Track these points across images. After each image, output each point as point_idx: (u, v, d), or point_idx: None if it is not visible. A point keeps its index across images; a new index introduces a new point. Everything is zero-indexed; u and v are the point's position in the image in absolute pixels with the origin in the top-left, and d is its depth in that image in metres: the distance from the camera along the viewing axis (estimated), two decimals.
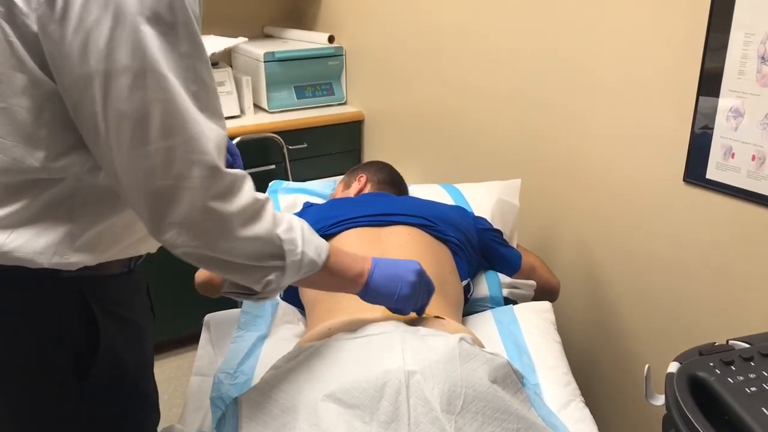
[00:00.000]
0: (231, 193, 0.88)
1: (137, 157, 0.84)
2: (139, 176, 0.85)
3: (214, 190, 0.86)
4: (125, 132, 0.83)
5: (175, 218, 0.86)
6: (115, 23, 0.80)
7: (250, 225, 0.91)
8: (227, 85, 2.48)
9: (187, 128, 0.84)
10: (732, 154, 1.41)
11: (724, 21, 1.36)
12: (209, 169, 0.86)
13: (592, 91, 1.69)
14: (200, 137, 0.85)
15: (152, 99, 0.82)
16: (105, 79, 0.81)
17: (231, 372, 1.24)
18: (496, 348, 1.34)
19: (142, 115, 0.83)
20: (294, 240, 0.95)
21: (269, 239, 0.93)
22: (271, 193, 1.95)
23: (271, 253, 0.94)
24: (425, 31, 2.22)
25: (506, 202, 1.82)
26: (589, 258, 1.81)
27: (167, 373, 2.45)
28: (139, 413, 1.13)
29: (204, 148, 0.86)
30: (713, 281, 1.51)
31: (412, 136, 2.41)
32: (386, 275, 1.10)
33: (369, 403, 0.98)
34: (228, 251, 0.91)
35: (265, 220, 0.92)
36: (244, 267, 0.94)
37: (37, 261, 0.93)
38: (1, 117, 0.88)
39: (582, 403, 1.27)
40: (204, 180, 0.86)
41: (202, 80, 0.87)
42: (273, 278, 0.95)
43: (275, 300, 1.49)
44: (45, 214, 0.93)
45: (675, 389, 0.97)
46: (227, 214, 0.88)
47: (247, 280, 0.96)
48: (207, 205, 0.86)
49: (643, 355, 1.71)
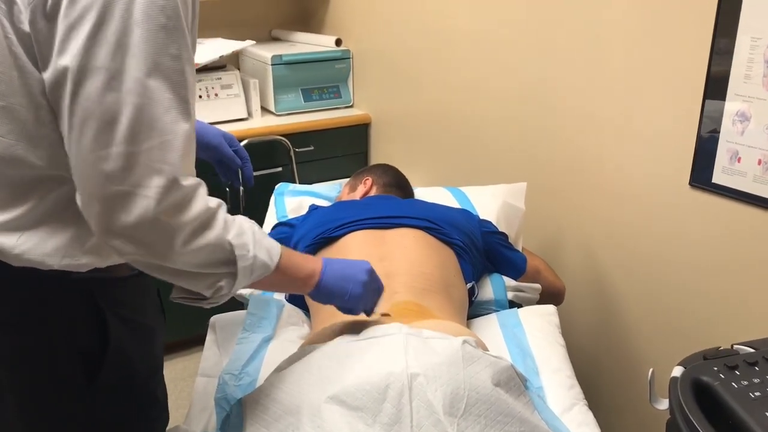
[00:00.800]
0: (183, 205, 0.86)
1: (97, 159, 0.82)
2: (95, 178, 0.83)
3: (167, 202, 0.84)
4: (89, 131, 0.81)
5: (123, 226, 0.83)
6: (101, 20, 0.79)
7: (199, 234, 0.88)
8: (235, 87, 2.50)
9: (154, 135, 0.82)
10: (738, 158, 1.41)
11: (731, 25, 1.36)
12: (168, 180, 0.83)
13: (598, 94, 1.69)
14: (167, 146, 0.83)
15: (125, 102, 0.81)
16: (78, 74, 0.80)
17: (236, 373, 1.25)
18: (500, 351, 1.34)
19: (110, 117, 0.81)
20: (245, 245, 0.93)
21: (220, 246, 0.90)
22: (278, 195, 1.96)
23: (222, 260, 0.91)
24: (432, 35, 2.22)
25: (512, 206, 1.82)
26: (594, 262, 1.81)
27: (173, 374, 2.46)
28: (148, 415, 1.14)
29: (168, 157, 0.83)
30: (718, 285, 1.51)
31: (418, 139, 2.41)
32: (337, 275, 1.09)
33: (372, 405, 0.98)
34: (176, 260, 0.88)
35: (216, 227, 0.90)
36: (194, 274, 0.91)
37: (47, 263, 0.93)
38: (2, 115, 0.88)
39: (586, 406, 1.26)
40: (160, 190, 0.83)
41: (186, 83, 0.85)
42: (224, 284, 0.94)
43: (280, 302, 1.50)
44: (53, 215, 0.93)
45: (679, 393, 0.97)
46: (176, 226, 0.86)
47: (197, 286, 0.94)
48: (157, 217, 0.84)
49: (648, 358, 1.71)
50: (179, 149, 0.84)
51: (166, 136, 0.83)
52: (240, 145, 1.39)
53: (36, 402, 1.02)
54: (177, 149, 0.84)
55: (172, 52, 0.83)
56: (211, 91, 2.44)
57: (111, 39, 0.79)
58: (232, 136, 1.39)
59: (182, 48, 0.84)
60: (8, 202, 0.92)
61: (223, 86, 2.47)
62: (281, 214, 1.87)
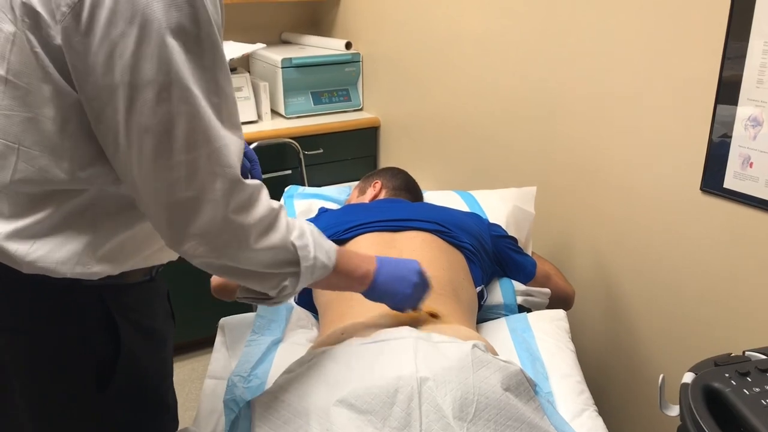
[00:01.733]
0: (250, 205, 0.90)
1: (160, 169, 0.85)
2: (161, 188, 0.86)
3: (234, 203, 0.88)
4: (148, 144, 0.84)
5: (195, 230, 0.87)
6: (141, 37, 0.80)
7: (267, 234, 0.92)
8: (245, 90, 2.50)
9: (210, 141, 0.85)
10: (750, 163, 1.40)
11: (743, 29, 1.36)
12: (231, 182, 0.87)
13: (609, 99, 1.69)
14: (223, 150, 0.86)
15: (177, 112, 0.83)
16: (130, 91, 0.82)
17: (245, 375, 1.25)
18: (510, 355, 1.34)
19: (166, 128, 0.83)
20: (307, 246, 0.97)
21: (284, 246, 0.94)
22: (287, 198, 1.96)
23: (287, 260, 0.96)
24: (442, 38, 2.23)
25: (521, 210, 1.82)
26: (604, 267, 1.80)
27: (182, 376, 2.47)
28: (158, 422, 1.14)
29: (227, 160, 0.87)
30: (730, 291, 1.50)
31: (427, 142, 2.41)
32: (391, 275, 1.13)
33: (381, 408, 0.98)
34: (246, 261, 0.92)
35: (280, 228, 0.94)
36: (261, 274, 0.95)
37: (59, 270, 0.93)
38: (27, 127, 0.89)
39: (595, 412, 1.26)
40: (225, 192, 0.87)
41: (223, 92, 0.87)
42: (288, 283, 0.97)
43: (289, 304, 1.50)
44: (68, 223, 0.94)
45: (690, 400, 0.96)
46: (246, 226, 0.89)
47: (263, 286, 0.97)
48: (227, 217, 0.87)
49: (658, 364, 1.70)
50: (235, 153, 0.88)
51: (221, 140, 0.86)
52: (249, 147, 1.39)
53: (47, 408, 1.02)
54: (233, 153, 0.87)
55: (204, 63, 0.85)
56: None
57: (154, 53, 0.81)
58: None
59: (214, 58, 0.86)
60: (26, 210, 0.93)
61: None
62: (290, 217, 1.87)
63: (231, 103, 0.89)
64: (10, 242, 0.92)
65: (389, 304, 1.16)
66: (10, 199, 0.93)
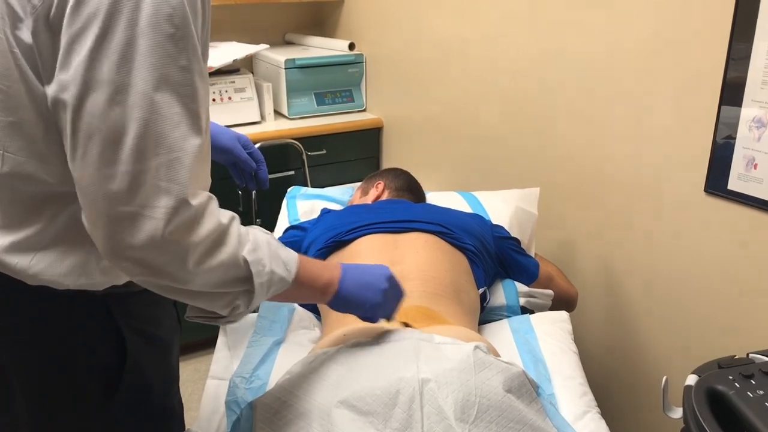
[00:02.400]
0: (193, 225, 0.81)
1: (103, 178, 0.77)
2: (101, 198, 0.78)
3: (176, 222, 0.79)
4: (94, 149, 0.77)
5: (132, 248, 0.79)
6: (105, 31, 0.75)
7: (213, 253, 0.83)
8: (248, 91, 2.51)
9: (162, 153, 0.78)
10: (755, 164, 1.39)
11: (748, 30, 1.35)
12: (177, 200, 0.79)
13: (612, 99, 1.68)
14: (176, 164, 0.78)
15: (131, 117, 0.76)
16: (81, 89, 0.76)
17: (246, 376, 1.25)
18: (512, 357, 1.33)
19: (115, 134, 0.76)
20: (261, 260, 0.88)
21: (234, 263, 0.86)
22: (290, 199, 1.96)
23: (238, 277, 0.87)
24: (445, 40, 2.22)
25: (524, 211, 1.81)
26: (607, 268, 1.80)
27: (185, 376, 2.45)
28: (165, 429, 1.13)
29: (176, 176, 0.78)
30: (734, 293, 1.49)
31: (430, 143, 2.41)
32: (357, 283, 1.04)
33: (382, 410, 0.98)
34: (189, 282, 0.84)
35: (230, 243, 0.85)
36: (210, 294, 0.87)
37: (63, 283, 0.91)
38: (11, 131, 0.85)
39: (598, 414, 1.25)
40: (169, 211, 0.78)
41: (198, 96, 0.81)
42: (240, 302, 0.90)
43: (291, 305, 1.50)
44: (67, 235, 0.90)
45: (693, 402, 0.96)
46: (187, 246, 0.81)
47: (213, 306, 0.89)
48: (167, 238, 0.79)
49: (661, 366, 1.69)
50: (188, 167, 0.80)
51: (174, 153, 0.78)
52: (255, 148, 1.37)
53: (52, 418, 1.00)
54: (186, 167, 0.79)
55: (181, 63, 0.78)
56: (224, 95, 2.45)
57: (115, 51, 0.75)
58: (247, 138, 1.37)
59: (192, 59, 0.80)
60: (21, 221, 0.90)
61: (236, 90, 2.48)
62: (293, 218, 1.87)
63: (204, 109, 0.83)
64: (11, 255, 0.90)
65: (359, 315, 1.08)
66: (4, 208, 0.90)
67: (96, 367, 0.99)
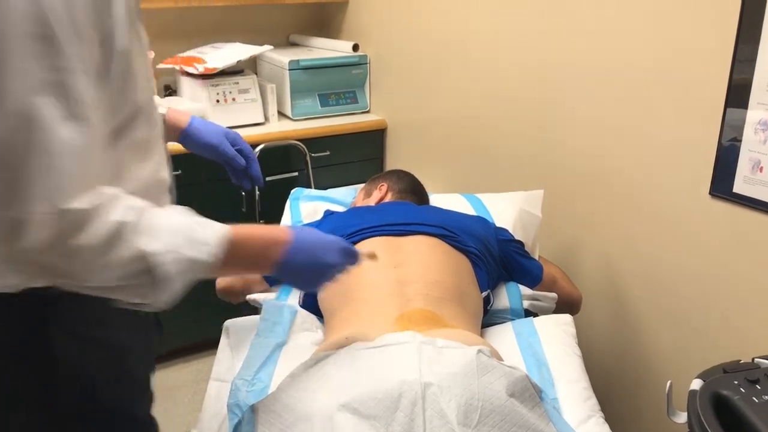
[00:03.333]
0: (79, 227, 0.78)
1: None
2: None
3: (59, 227, 0.77)
4: None
5: (22, 252, 0.78)
6: None
7: (108, 251, 0.81)
8: (252, 92, 2.51)
9: (36, 159, 0.75)
10: (760, 167, 1.38)
11: (754, 32, 1.34)
12: (54, 207, 0.76)
13: (617, 101, 1.67)
14: (52, 170, 0.76)
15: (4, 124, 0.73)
16: None
17: (248, 379, 1.24)
18: (515, 360, 1.33)
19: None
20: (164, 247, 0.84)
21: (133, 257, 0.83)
22: (293, 200, 1.96)
23: (139, 270, 0.84)
24: (449, 41, 2.22)
25: (528, 213, 1.81)
26: (611, 271, 1.79)
27: (187, 377, 2.47)
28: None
29: (55, 182, 0.76)
30: (740, 297, 1.48)
31: (434, 145, 2.41)
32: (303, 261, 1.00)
33: (384, 414, 0.97)
34: (87, 280, 0.83)
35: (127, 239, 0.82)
36: (115, 288, 0.85)
37: None
38: None
39: (602, 418, 1.24)
40: (48, 217, 0.76)
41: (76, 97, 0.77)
42: (150, 291, 0.86)
43: (293, 307, 1.50)
44: None
45: (698, 407, 0.96)
46: (75, 248, 0.79)
47: (128, 297, 0.87)
48: (53, 242, 0.77)
49: (666, 370, 1.68)
50: (68, 171, 0.76)
51: (50, 159, 0.75)
52: (245, 144, 1.35)
53: None
54: (65, 171, 0.76)
55: (54, 64, 0.75)
56: (228, 96, 2.45)
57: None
58: (237, 134, 1.35)
59: (68, 58, 0.76)
60: None
61: (240, 91, 2.48)
62: (296, 219, 1.87)
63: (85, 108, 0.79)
64: None
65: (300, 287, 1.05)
66: None
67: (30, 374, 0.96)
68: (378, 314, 1.25)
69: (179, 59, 2.49)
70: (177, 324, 1.81)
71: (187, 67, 2.42)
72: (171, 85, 2.69)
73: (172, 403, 2.32)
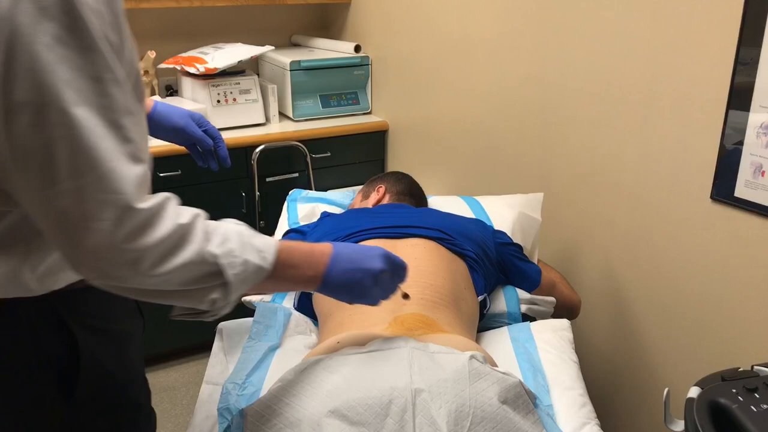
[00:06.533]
0: (147, 229, 0.81)
1: (47, 198, 0.78)
2: (51, 215, 0.80)
3: (126, 229, 0.80)
4: (33, 171, 0.78)
5: (88, 257, 0.81)
6: (9, 53, 0.73)
7: (173, 254, 0.83)
8: (253, 92, 2.50)
9: (96, 166, 0.78)
10: (762, 171, 1.36)
11: (756, 35, 1.32)
12: (122, 209, 0.79)
13: (617, 104, 1.66)
14: (111, 175, 0.78)
15: (56, 136, 0.76)
16: (5, 114, 0.75)
17: (239, 382, 1.23)
18: (511, 366, 1.31)
19: (48, 154, 0.76)
20: (231, 252, 0.88)
21: (200, 260, 0.85)
22: (290, 201, 1.95)
23: (207, 273, 0.87)
24: (451, 43, 2.21)
25: (528, 216, 1.79)
26: (611, 275, 1.77)
27: (185, 379, 2.46)
28: (130, 423, 1.12)
29: (116, 186, 0.79)
30: (740, 303, 1.46)
31: (435, 147, 2.39)
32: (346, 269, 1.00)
33: (374, 420, 0.96)
34: (154, 284, 0.84)
35: (193, 242, 0.85)
36: (181, 292, 0.87)
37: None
38: None
39: (597, 426, 1.22)
40: (116, 220, 0.79)
41: (115, 106, 0.80)
42: (217, 296, 0.89)
43: (288, 310, 1.48)
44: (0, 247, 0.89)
45: (695, 416, 0.94)
46: (142, 251, 0.81)
47: (189, 302, 0.89)
48: (119, 246, 0.80)
49: (664, 377, 1.66)
50: (125, 175, 0.80)
51: (108, 164, 0.78)
52: (210, 125, 1.35)
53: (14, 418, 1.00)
54: (123, 175, 0.79)
55: (92, 74, 0.77)
56: (229, 96, 2.45)
57: (26, 71, 0.73)
58: (201, 115, 1.35)
59: (103, 69, 0.78)
60: None
61: (241, 91, 2.47)
62: (293, 221, 1.86)
63: (128, 115, 0.81)
64: None
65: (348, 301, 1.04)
66: None
67: (49, 365, 0.99)
68: (372, 318, 1.24)
69: (180, 59, 2.49)
70: (176, 325, 1.79)
71: (188, 67, 2.41)
72: (172, 85, 2.69)
73: (170, 404, 2.31)
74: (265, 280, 0.93)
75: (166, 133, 1.32)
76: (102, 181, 0.78)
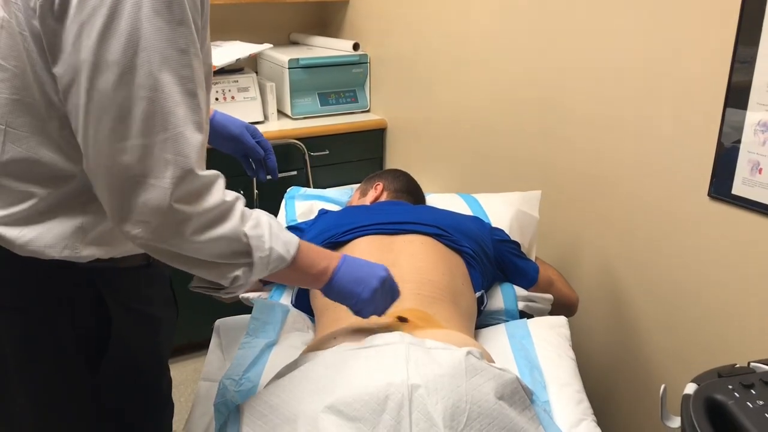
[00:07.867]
0: (199, 196, 0.88)
1: (114, 152, 0.84)
2: (113, 169, 0.86)
3: (182, 191, 0.86)
4: (105, 125, 0.84)
5: (138, 212, 0.86)
6: (112, 17, 0.81)
7: (215, 225, 0.90)
8: (251, 90, 2.50)
9: (168, 128, 0.84)
10: (759, 169, 1.37)
11: (753, 34, 1.32)
12: (183, 171, 0.86)
13: (616, 103, 1.66)
14: (179, 138, 0.85)
15: (137, 96, 0.83)
16: (92, 70, 0.82)
17: (236, 378, 1.23)
18: (507, 363, 1.31)
19: (124, 111, 0.83)
20: (261, 236, 0.95)
21: (235, 237, 0.92)
22: (288, 199, 1.95)
23: (238, 251, 0.93)
24: (449, 41, 2.21)
25: (526, 214, 1.79)
26: (608, 273, 1.77)
27: (185, 376, 2.46)
28: (152, 405, 1.15)
29: (182, 149, 0.86)
30: (737, 300, 1.46)
31: (434, 144, 2.39)
32: (351, 277, 1.08)
33: (370, 416, 0.96)
34: (189, 249, 0.90)
35: (232, 219, 0.92)
36: (210, 264, 0.93)
37: (47, 254, 0.95)
38: (14, 108, 0.91)
39: (594, 422, 1.22)
40: (175, 181, 0.85)
41: (195, 78, 0.87)
42: (240, 274, 0.95)
43: (286, 306, 1.48)
44: (58, 209, 0.95)
45: (691, 412, 0.94)
46: (190, 214, 0.88)
47: (213, 275, 0.95)
48: (172, 205, 0.86)
49: (661, 374, 1.67)
50: (192, 141, 0.86)
51: (179, 128, 0.85)
52: (263, 137, 1.41)
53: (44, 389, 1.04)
54: (190, 141, 0.86)
55: (180, 46, 0.84)
56: (227, 94, 2.45)
57: (122, 34, 0.81)
58: (255, 128, 1.41)
59: (190, 43, 0.86)
60: (16, 197, 0.95)
61: (239, 89, 2.47)
62: (290, 218, 1.86)
63: (201, 89, 0.89)
64: (2, 228, 0.95)
65: (348, 306, 1.12)
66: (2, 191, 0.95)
67: (80, 338, 1.03)
68: None
69: None
70: (178, 322, 1.80)
71: None
72: None
73: None
74: (281, 271, 0.99)
75: (222, 141, 1.38)
76: (170, 142, 0.85)
